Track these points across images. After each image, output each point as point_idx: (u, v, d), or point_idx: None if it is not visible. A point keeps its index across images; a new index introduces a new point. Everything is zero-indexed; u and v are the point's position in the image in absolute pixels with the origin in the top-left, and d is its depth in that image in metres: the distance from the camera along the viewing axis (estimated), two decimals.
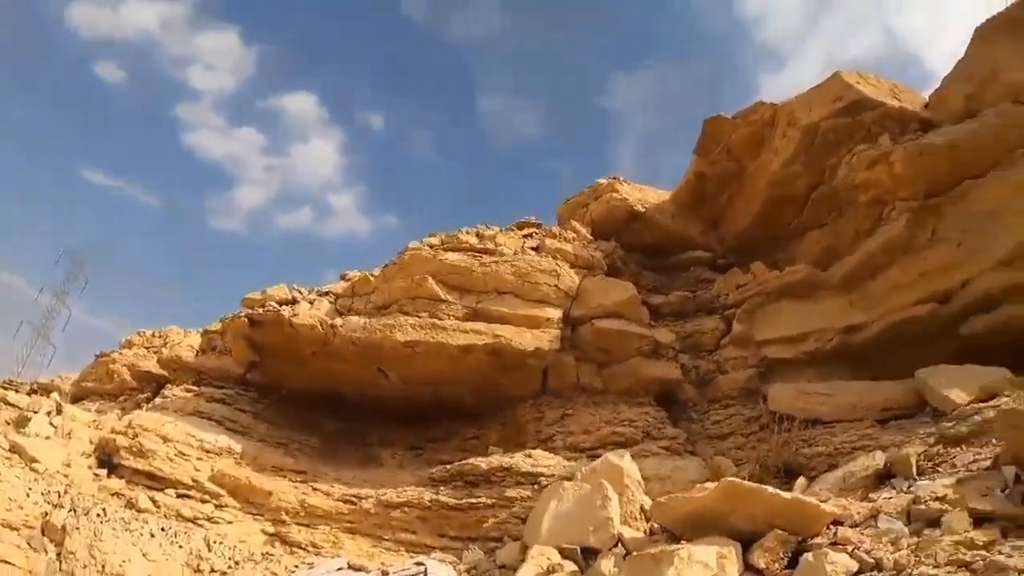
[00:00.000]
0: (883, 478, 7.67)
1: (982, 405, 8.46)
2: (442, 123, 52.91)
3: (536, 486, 9.28)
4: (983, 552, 4.54)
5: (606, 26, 47.92)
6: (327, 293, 10.85)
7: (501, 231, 10.81)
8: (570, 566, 5.94)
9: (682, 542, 5.99)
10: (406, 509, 9.59)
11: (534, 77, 50.17)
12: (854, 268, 10.05)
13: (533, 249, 10.47)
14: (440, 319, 10.02)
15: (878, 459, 7.97)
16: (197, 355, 12.08)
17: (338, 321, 10.45)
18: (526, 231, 10.85)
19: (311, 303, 10.75)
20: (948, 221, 9.85)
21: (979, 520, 5.21)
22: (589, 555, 6.13)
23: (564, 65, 48.79)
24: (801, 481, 8.27)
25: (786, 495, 5.78)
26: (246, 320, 10.66)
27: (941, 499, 6.29)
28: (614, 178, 12.36)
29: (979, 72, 9.91)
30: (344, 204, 57.59)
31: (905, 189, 9.78)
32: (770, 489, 5.84)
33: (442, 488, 9.57)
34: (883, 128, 9.96)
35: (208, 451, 10.10)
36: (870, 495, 7.39)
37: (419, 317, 10.09)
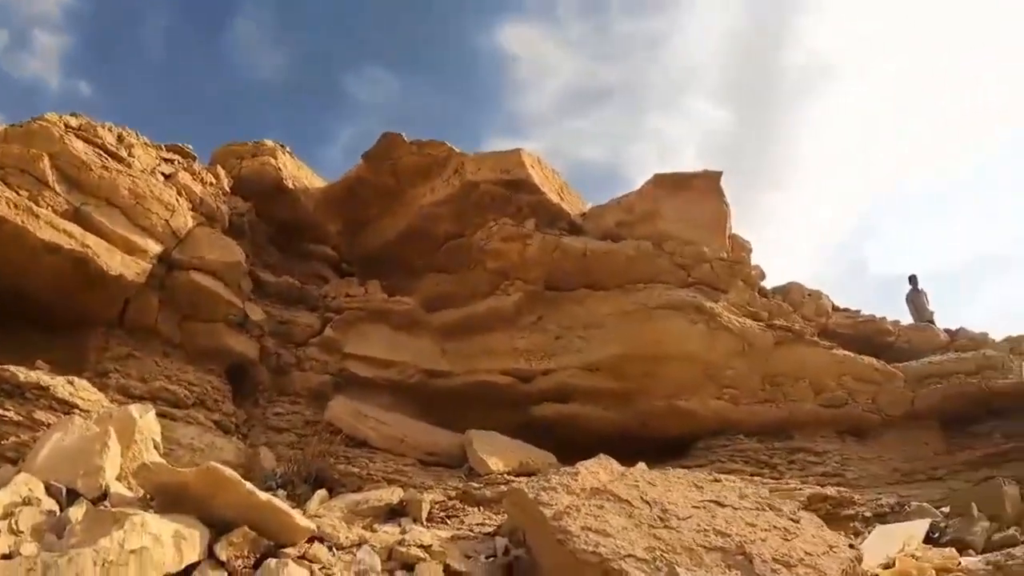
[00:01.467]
0: (395, 514, 7.90)
1: (514, 478, 8.90)
2: (184, 23, 48.67)
3: (69, 416, 8.73)
4: None
5: (399, 14, 47.55)
6: None
7: (146, 144, 10.33)
8: (50, 503, 5.62)
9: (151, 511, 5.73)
10: None
11: (303, 24, 48.40)
12: (458, 321, 10.70)
13: (165, 176, 10.08)
14: (39, 205, 9.38)
15: (396, 495, 8.22)
16: None
17: None
18: (171, 156, 10.38)
19: None
20: (556, 315, 10.67)
21: None
22: (74, 498, 5.83)
23: (338, 27, 47.49)
24: (322, 493, 8.41)
25: (262, 495, 5.79)
26: None
27: (426, 548, 6.49)
28: (280, 144, 12.43)
29: (640, 209, 11.04)
30: (47, 47, 52.03)
31: (530, 272, 10.55)
32: (248, 485, 5.81)
33: None
34: (534, 213, 10.73)
35: None
36: (375, 526, 7.53)
37: (18, 194, 9.40)
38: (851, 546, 6.15)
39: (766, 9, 51.57)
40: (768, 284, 12.60)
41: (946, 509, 9.48)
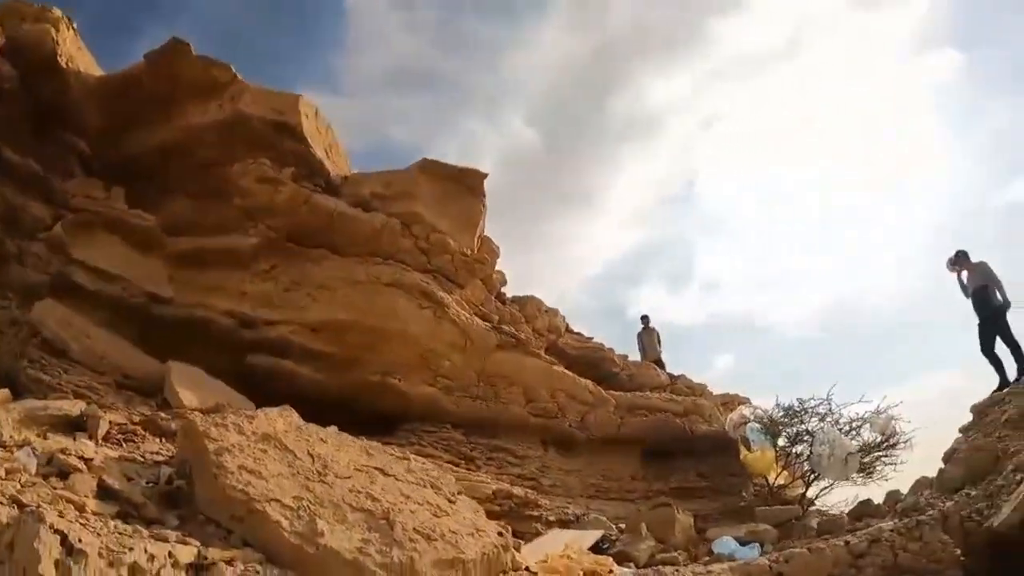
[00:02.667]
0: (73, 427, 8.00)
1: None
2: None
3: None
4: (87, 516, 4.82)
5: None
6: None
7: None
8: None
9: None
10: None
11: None
12: (193, 251, 10.94)
13: None
14: None
15: (77, 408, 8.29)
16: None
17: None
18: None
19: None
20: (290, 268, 11.01)
21: (108, 494, 5.55)
22: None
23: None
24: (4, 393, 8.28)
25: None
26: None
27: (87, 461, 6.54)
28: (68, 19, 11.50)
29: (399, 187, 11.69)
30: None
31: (275, 220, 10.83)
32: None
33: None
34: (295, 163, 10.99)
35: None
36: (48, 434, 7.57)
37: None
38: (500, 534, 6.71)
39: (608, 58, 54.67)
40: (512, 293, 13.37)
41: (623, 525, 10.29)
